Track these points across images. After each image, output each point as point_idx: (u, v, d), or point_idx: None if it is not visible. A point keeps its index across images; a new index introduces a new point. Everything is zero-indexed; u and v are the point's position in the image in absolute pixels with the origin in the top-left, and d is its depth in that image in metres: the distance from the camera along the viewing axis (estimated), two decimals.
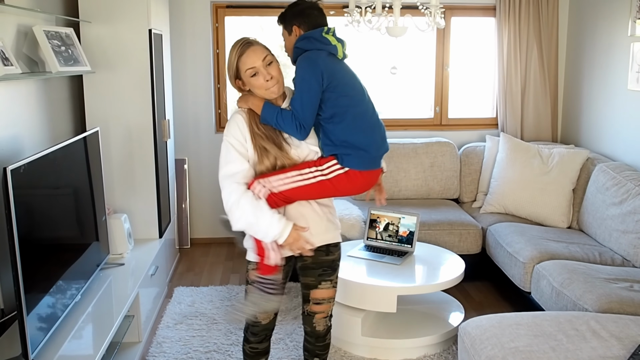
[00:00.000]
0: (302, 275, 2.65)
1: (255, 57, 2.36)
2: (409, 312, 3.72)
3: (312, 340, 2.74)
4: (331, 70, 2.41)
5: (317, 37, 2.45)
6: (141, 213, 4.14)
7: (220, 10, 5.23)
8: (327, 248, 2.60)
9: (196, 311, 4.01)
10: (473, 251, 4.41)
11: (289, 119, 2.37)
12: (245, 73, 2.38)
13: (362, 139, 2.42)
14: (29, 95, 3.31)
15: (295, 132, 2.39)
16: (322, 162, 2.43)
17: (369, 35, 4.71)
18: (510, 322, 2.72)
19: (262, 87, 2.38)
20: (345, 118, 2.41)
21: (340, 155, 2.42)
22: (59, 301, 2.80)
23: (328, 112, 2.41)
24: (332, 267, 2.63)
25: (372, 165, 2.48)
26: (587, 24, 4.93)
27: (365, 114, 2.48)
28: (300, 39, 2.47)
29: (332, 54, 2.46)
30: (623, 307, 3.02)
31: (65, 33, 3.56)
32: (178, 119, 5.13)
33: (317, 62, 2.40)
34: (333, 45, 2.46)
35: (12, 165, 2.36)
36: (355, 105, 2.45)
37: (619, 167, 4.12)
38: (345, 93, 2.43)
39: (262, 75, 2.36)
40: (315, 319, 2.68)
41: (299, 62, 2.44)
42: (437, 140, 5.10)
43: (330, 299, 2.67)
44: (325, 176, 2.42)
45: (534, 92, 5.22)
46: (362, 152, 2.42)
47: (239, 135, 2.40)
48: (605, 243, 3.94)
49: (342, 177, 2.43)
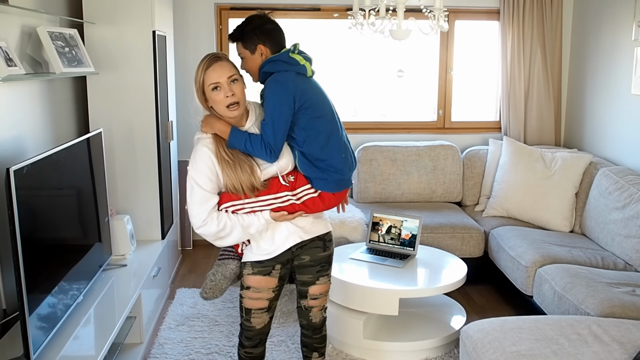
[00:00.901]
0: (299, 274, 2.67)
1: (221, 72, 2.34)
2: (411, 315, 3.71)
3: (309, 333, 2.78)
4: (302, 91, 2.42)
5: (285, 60, 2.45)
6: (144, 214, 4.15)
7: (224, 12, 5.23)
8: (324, 243, 2.63)
9: (198, 313, 4.01)
10: (475, 254, 4.40)
11: (259, 145, 2.37)
12: (207, 87, 2.35)
13: (337, 160, 2.47)
14: (33, 96, 3.32)
15: (266, 156, 2.40)
16: (295, 187, 2.46)
17: (373, 38, 4.71)
18: (512, 325, 2.72)
19: (222, 103, 2.35)
20: (318, 140, 2.44)
21: (316, 179, 2.47)
22: (61, 302, 2.81)
23: (301, 135, 2.44)
24: (329, 262, 2.68)
25: (345, 185, 2.55)
26: (590, 28, 4.93)
27: (337, 134, 2.52)
28: (267, 62, 2.46)
29: (300, 73, 2.46)
30: (625, 312, 3.01)
31: (69, 34, 3.57)
32: (181, 120, 5.14)
33: (287, 85, 2.40)
34: (302, 65, 2.47)
35: (15, 166, 2.37)
36: (327, 126, 2.48)
37: (621, 171, 4.11)
38: (317, 114, 2.45)
39: (224, 91, 2.34)
40: (312, 312, 2.72)
41: (269, 85, 2.44)
42: (440, 144, 5.10)
43: (326, 292, 2.73)
44: (298, 200, 2.47)
45: (537, 96, 5.21)
46: (337, 175, 2.48)
47: (206, 171, 2.39)
48: (608, 247, 3.93)
49: (315, 199, 2.50)
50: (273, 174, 2.46)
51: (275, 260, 2.53)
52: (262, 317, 2.59)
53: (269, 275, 2.54)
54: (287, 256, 2.56)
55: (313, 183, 2.48)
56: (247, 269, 2.54)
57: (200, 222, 2.42)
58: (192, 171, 2.41)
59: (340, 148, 2.50)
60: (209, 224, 2.41)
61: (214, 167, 2.40)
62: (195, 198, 2.41)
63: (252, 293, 2.55)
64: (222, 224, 2.41)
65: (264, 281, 2.54)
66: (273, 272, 2.54)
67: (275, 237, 2.51)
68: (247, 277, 2.55)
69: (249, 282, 2.54)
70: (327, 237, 2.66)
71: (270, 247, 2.51)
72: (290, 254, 2.57)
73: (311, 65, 2.51)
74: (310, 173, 2.47)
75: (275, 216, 2.44)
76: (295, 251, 2.58)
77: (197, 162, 2.41)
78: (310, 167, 2.46)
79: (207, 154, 2.40)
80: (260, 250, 2.51)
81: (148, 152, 4.08)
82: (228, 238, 2.44)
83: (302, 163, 2.47)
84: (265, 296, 2.56)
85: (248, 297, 2.56)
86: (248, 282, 2.55)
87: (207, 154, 2.40)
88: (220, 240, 2.45)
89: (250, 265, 2.53)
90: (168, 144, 4.45)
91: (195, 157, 2.42)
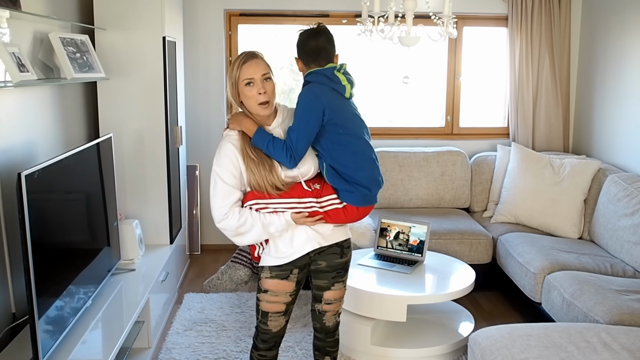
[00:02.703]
0: (315, 278, 2.67)
1: (256, 69, 2.41)
2: (419, 321, 3.71)
3: (321, 336, 2.80)
4: (333, 106, 2.47)
5: (328, 75, 2.51)
6: (152, 219, 4.16)
7: (233, 18, 5.26)
8: (342, 250, 2.64)
9: (206, 317, 4.02)
10: (483, 261, 4.39)
11: (281, 148, 2.41)
12: (242, 81, 2.42)
13: (362, 177, 2.50)
14: (44, 101, 3.35)
15: (286, 160, 2.43)
16: (321, 195, 2.50)
17: (382, 45, 4.72)
18: (520, 333, 2.71)
19: (253, 99, 2.42)
20: (344, 155, 2.48)
21: (343, 191, 2.49)
22: (70, 306, 2.82)
23: (327, 148, 2.47)
24: (345, 268, 2.69)
25: (370, 201, 2.56)
26: (599, 34, 4.92)
27: (365, 152, 2.54)
28: (310, 72, 2.53)
29: (336, 91, 2.51)
30: (634, 319, 3.00)
31: (80, 40, 3.59)
32: (190, 125, 5.16)
33: (319, 96, 2.46)
34: (342, 85, 2.52)
35: (27, 171, 2.39)
36: (355, 143, 2.51)
37: (630, 177, 4.10)
38: (344, 131, 2.49)
39: (257, 87, 2.40)
40: (325, 316, 2.74)
41: (303, 93, 2.50)
42: (448, 150, 5.10)
43: (341, 298, 2.74)
44: (321, 208, 2.50)
45: (545, 102, 5.20)
46: (364, 190, 2.50)
47: (229, 166, 2.44)
48: (617, 254, 3.91)
49: (338, 210, 2.52)
50: (294, 177, 2.48)
51: (293, 265, 2.54)
52: (278, 320, 2.61)
53: (287, 279, 2.55)
54: (304, 261, 2.57)
55: (340, 194, 2.51)
56: (265, 272, 2.55)
57: (222, 216, 2.44)
58: (216, 166, 2.45)
59: (366, 166, 2.52)
60: (230, 218, 2.43)
61: (237, 164, 2.44)
62: (218, 191, 2.44)
63: (269, 296, 2.56)
64: (244, 219, 2.43)
65: (282, 285, 2.55)
66: (291, 276, 2.55)
67: (294, 241, 2.52)
68: (265, 281, 2.55)
69: (267, 285, 2.55)
70: (346, 244, 2.67)
71: (288, 250, 2.52)
72: (308, 258, 2.58)
73: (352, 88, 2.57)
74: (337, 184, 2.50)
75: (296, 217, 2.46)
76: (313, 256, 2.59)
77: (221, 158, 2.45)
78: (338, 179, 2.49)
79: (232, 150, 2.45)
80: (279, 253, 2.52)
81: (157, 157, 4.10)
82: (247, 235, 2.46)
83: (330, 174, 2.50)
84: (282, 300, 2.57)
85: (265, 301, 2.57)
86: (266, 285, 2.55)
87: (232, 150, 2.44)
88: (239, 236, 2.47)
89: (268, 269, 2.54)
90: (177, 149, 4.46)
91: (220, 152, 2.46)
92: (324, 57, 2.55)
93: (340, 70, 2.55)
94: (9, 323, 2.79)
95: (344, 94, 2.54)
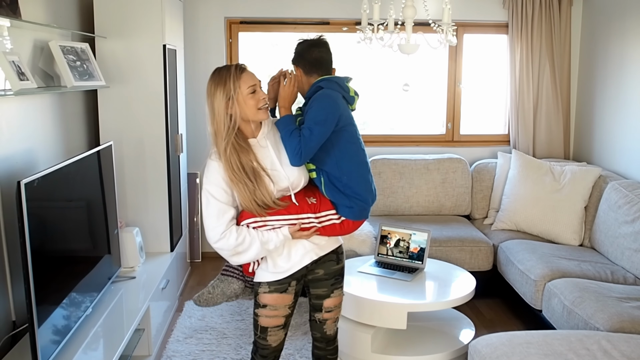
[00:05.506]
0: (313, 287, 2.67)
1: (253, 77, 2.40)
2: (419, 328, 3.70)
3: (322, 345, 2.79)
4: (347, 114, 2.52)
5: (341, 84, 2.55)
6: (153, 226, 4.16)
7: (233, 26, 5.28)
8: (337, 257, 2.65)
9: (206, 325, 4.02)
10: (484, 268, 4.39)
11: (296, 141, 2.40)
12: (246, 89, 2.35)
13: (363, 189, 2.52)
14: (44, 109, 3.36)
15: (294, 155, 2.41)
16: (319, 209, 2.49)
17: (381, 52, 4.73)
18: (520, 340, 2.70)
19: (256, 106, 2.38)
20: (350, 163, 2.50)
21: (342, 206, 2.50)
22: (70, 314, 2.82)
23: (336, 155, 2.48)
24: (342, 274, 2.70)
25: (365, 215, 2.58)
26: (599, 41, 4.93)
27: (366, 164, 2.58)
28: (324, 79, 2.55)
29: (345, 100, 2.55)
30: (635, 327, 2.99)
31: (80, 48, 3.61)
32: (191, 133, 5.17)
33: (337, 102, 2.49)
34: (352, 96, 2.58)
35: (26, 179, 2.39)
36: (360, 154, 2.55)
37: (631, 185, 4.10)
38: (353, 140, 2.53)
39: (260, 92, 2.39)
40: (326, 325, 2.74)
41: (321, 95, 2.49)
42: (449, 157, 5.10)
43: (340, 304, 2.75)
44: (319, 224, 2.49)
45: (546, 109, 5.21)
46: (362, 204, 2.52)
47: (220, 182, 2.38)
48: (617, 261, 3.91)
49: (335, 225, 2.53)
50: (285, 190, 2.46)
51: (291, 277, 2.52)
52: (278, 334, 2.58)
53: (285, 292, 2.53)
54: (302, 272, 2.56)
55: (339, 209, 2.50)
56: (263, 287, 2.52)
57: (219, 236, 2.37)
58: (206, 184, 2.40)
59: (368, 177, 2.55)
60: (227, 237, 2.37)
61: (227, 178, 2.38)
62: (211, 211, 2.38)
63: (268, 311, 2.53)
64: (242, 237, 2.38)
65: (281, 298, 2.53)
66: (289, 289, 2.53)
67: (292, 255, 2.50)
68: (263, 296, 2.52)
69: (266, 300, 2.52)
70: (340, 250, 2.67)
71: (286, 264, 2.50)
72: (305, 269, 2.57)
73: (356, 101, 2.62)
74: (337, 199, 2.49)
75: (293, 230, 2.43)
76: (310, 266, 2.58)
77: (210, 174, 2.39)
78: (337, 193, 2.48)
79: (216, 166, 2.39)
80: (277, 268, 2.50)
81: (158, 164, 4.11)
82: (246, 254, 2.41)
83: (329, 189, 2.49)
84: (281, 313, 2.55)
85: (264, 316, 2.54)
86: (264, 300, 2.52)
87: (217, 166, 2.38)
88: (237, 255, 2.41)
89: (266, 284, 2.51)
90: (178, 156, 4.47)
91: (209, 169, 2.40)
92: (326, 68, 2.59)
93: (348, 82, 2.60)
94: (9, 331, 2.79)
95: (352, 105, 2.58)
